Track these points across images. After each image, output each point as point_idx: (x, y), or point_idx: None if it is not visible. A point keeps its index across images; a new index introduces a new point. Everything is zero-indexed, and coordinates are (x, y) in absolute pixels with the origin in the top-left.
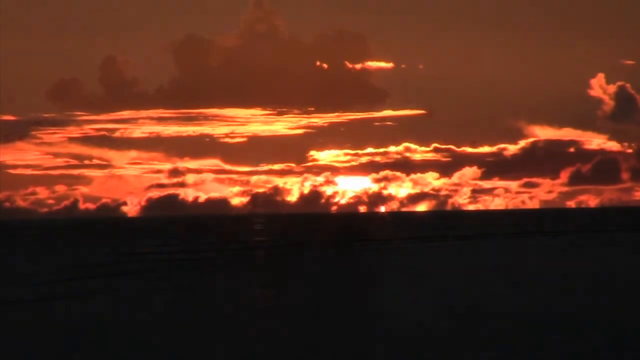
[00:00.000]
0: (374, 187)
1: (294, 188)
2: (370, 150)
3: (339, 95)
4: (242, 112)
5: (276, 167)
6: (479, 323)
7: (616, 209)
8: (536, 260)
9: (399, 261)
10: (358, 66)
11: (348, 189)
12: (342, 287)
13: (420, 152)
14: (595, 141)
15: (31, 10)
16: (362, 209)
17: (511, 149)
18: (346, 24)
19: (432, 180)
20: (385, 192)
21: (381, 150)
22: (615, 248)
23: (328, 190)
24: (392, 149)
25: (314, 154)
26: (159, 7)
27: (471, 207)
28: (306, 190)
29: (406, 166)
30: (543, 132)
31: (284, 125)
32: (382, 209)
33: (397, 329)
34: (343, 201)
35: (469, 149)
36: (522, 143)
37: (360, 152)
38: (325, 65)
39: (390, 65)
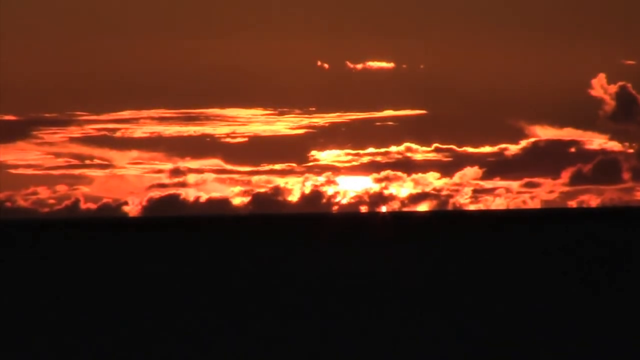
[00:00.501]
0: (375, 187)
1: (295, 188)
2: (371, 150)
3: (340, 95)
4: (243, 112)
5: (277, 167)
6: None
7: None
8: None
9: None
10: (359, 66)
11: (349, 189)
12: None
13: (421, 152)
14: (596, 141)
15: (32, 9)
16: (363, 208)
17: (512, 148)
18: (347, 24)
19: (433, 180)
20: (386, 192)
21: (382, 150)
22: None
23: (329, 190)
24: (393, 148)
25: (315, 153)
26: (160, 7)
27: (472, 207)
28: (307, 190)
29: (407, 166)
30: (544, 132)
31: (285, 125)
32: (383, 209)
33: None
34: (344, 201)
35: (470, 149)
36: (523, 143)
37: (361, 152)
38: (326, 65)
39: (391, 65)
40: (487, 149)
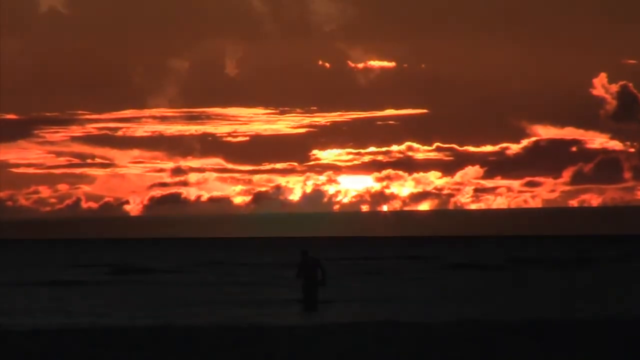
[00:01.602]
0: (376, 186)
1: (296, 187)
2: (372, 149)
3: (341, 94)
4: (244, 111)
5: (278, 166)
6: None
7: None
8: None
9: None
10: (360, 65)
11: (350, 187)
12: None
13: (422, 151)
14: (598, 140)
15: (32, 8)
16: (365, 207)
17: (513, 147)
18: (348, 23)
19: (435, 179)
20: (387, 191)
21: (383, 149)
22: None
23: (330, 189)
24: (394, 147)
25: (316, 152)
26: (160, 8)
27: (473, 206)
28: (308, 189)
29: (408, 165)
30: (545, 131)
31: (286, 124)
32: (385, 207)
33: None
34: (345, 200)
35: (472, 148)
36: (525, 142)
37: (362, 151)
38: (327, 65)
39: (392, 64)
40: (488, 148)
